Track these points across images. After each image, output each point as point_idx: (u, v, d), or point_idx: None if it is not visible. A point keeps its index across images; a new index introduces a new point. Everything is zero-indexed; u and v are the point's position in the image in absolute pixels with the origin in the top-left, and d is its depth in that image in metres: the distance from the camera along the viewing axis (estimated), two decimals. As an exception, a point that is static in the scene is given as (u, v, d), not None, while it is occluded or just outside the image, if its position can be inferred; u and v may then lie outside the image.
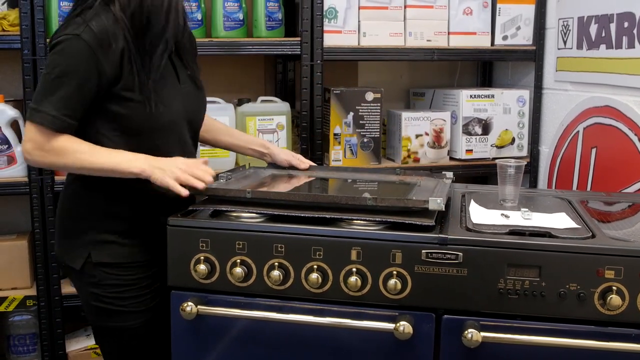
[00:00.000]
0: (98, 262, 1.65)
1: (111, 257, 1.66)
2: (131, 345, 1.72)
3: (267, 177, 1.93)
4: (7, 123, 2.34)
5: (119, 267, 1.66)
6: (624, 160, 2.19)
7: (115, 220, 1.67)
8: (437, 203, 1.49)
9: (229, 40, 2.42)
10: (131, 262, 1.68)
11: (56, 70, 1.53)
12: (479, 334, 1.42)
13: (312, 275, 1.49)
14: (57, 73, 1.53)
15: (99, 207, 1.67)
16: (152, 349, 1.74)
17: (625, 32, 2.19)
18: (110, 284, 1.66)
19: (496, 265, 1.43)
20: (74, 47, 1.53)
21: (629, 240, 1.46)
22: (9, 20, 2.27)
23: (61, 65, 1.54)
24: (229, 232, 1.53)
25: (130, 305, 1.67)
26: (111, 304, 1.67)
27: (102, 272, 1.66)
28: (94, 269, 1.66)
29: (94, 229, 1.66)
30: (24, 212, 2.60)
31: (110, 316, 1.68)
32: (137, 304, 1.68)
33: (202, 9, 2.44)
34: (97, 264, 1.65)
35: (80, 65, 1.53)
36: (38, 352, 2.55)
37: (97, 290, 1.67)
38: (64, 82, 1.53)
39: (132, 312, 1.68)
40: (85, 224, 1.67)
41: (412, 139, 2.59)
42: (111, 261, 1.66)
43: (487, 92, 2.66)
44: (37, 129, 1.53)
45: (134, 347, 1.72)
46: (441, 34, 2.62)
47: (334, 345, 1.52)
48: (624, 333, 1.41)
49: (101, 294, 1.66)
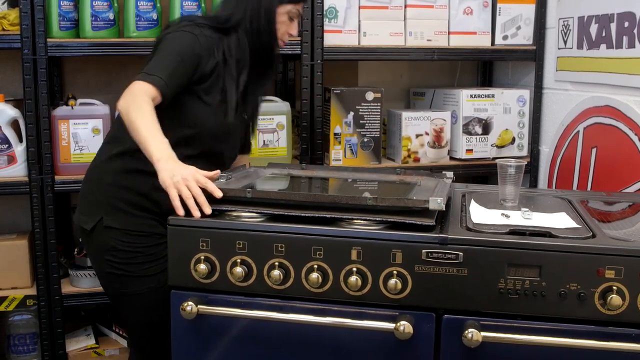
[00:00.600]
0: (108, 226, 1.79)
1: (121, 224, 1.79)
2: (145, 310, 1.82)
3: (267, 177, 1.93)
4: (8, 123, 2.34)
5: (128, 234, 1.79)
6: (624, 160, 2.19)
7: (129, 191, 1.81)
8: (438, 203, 1.49)
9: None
10: (140, 231, 1.80)
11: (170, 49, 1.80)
12: (479, 334, 1.42)
13: (312, 275, 1.49)
14: (170, 51, 1.80)
15: (117, 177, 1.81)
16: (165, 315, 1.77)
17: (626, 32, 2.19)
18: (121, 249, 1.79)
19: (496, 265, 1.43)
20: (187, 38, 1.81)
21: (630, 240, 1.46)
22: (9, 20, 2.27)
23: (175, 46, 1.80)
24: (229, 231, 1.53)
25: (140, 271, 1.79)
26: (123, 270, 1.79)
27: (112, 239, 1.79)
28: (104, 234, 1.80)
29: (109, 196, 1.81)
30: (24, 211, 2.60)
31: (122, 282, 1.80)
32: (147, 269, 1.79)
33: (202, 8, 2.44)
34: (107, 228, 1.79)
35: (188, 52, 1.79)
36: (38, 351, 2.55)
37: (108, 257, 1.80)
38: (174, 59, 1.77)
39: (142, 277, 1.79)
40: (101, 190, 1.83)
41: (413, 138, 2.59)
42: (120, 227, 1.79)
43: (488, 92, 2.66)
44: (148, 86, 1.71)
45: (148, 311, 1.82)
46: (441, 33, 2.61)
47: (334, 345, 1.52)
48: (625, 333, 1.41)
49: (113, 259, 1.79)
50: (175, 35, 1.84)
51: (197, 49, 1.81)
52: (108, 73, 2.71)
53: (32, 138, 2.29)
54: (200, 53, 1.81)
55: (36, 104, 2.28)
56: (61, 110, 2.35)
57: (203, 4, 2.44)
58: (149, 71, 1.75)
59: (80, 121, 2.35)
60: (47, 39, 2.25)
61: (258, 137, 2.48)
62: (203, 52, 1.81)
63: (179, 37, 1.83)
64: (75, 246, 2.50)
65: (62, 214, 2.64)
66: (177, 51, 1.80)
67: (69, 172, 2.34)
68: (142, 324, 1.87)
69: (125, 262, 1.79)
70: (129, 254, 1.79)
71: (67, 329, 2.54)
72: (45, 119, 2.28)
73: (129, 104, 1.69)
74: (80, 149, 2.35)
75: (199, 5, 2.42)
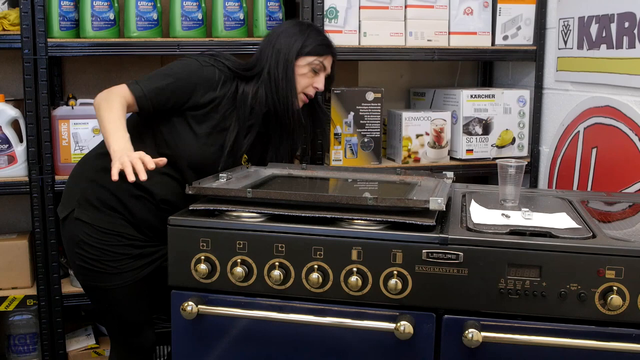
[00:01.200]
0: (78, 218, 1.84)
1: (90, 218, 1.84)
2: (114, 306, 1.88)
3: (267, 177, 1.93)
4: (8, 123, 2.34)
5: (97, 230, 1.83)
6: (624, 160, 2.19)
7: (105, 190, 1.84)
8: (438, 203, 1.49)
9: (230, 40, 2.42)
10: (108, 229, 1.84)
11: (169, 69, 1.88)
12: (479, 334, 1.42)
13: (312, 275, 1.49)
14: (169, 71, 1.87)
15: (97, 174, 1.86)
16: (136, 312, 1.90)
17: (626, 32, 2.19)
18: (90, 244, 1.83)
19: (497, 265, 1.43)
20: (192, 65, 1.89)
21: (630, 240, 1.46)
22: (10, 20, 2.27)
23: (175, 68, 1.88)
24: (229, 231, 1.53)
25: (109, 269, 1.83)
26: (91, 265, 1.83)
27: (82, 232, 1.83)
28: (74, 225, 1.84)
29: (85, 190, 1.86)
30: (25, 211, 2.61)
31: (91, 276, 1.85)
32: (115, 267, 1.83)
33: (202, 8, 2.44)
34: (77, 220, 1.84)
35: (184, 77, 1.86)
36: (38, 351, 2.56)
37: (78, 250, 1.84)
38: (166, 78, 1.85)
39: (110, 274, 1.83)
40: (80, 183, 1.89)
41: (413, 138, 2.59)
42: (89, 222, 1.83)
43: (488, 92, 2.66)
44: (127, 91, 1.80)
45: (117, 307, 1.88)
46: (442, 33, 2.61)
47: (335, 345, 1.52)
48: (625, 333, 1.41)
49: (82, 253, 1.83)
50: (184, 60, 1.92)
51: (195, 78, 1.86)
52: (108, 73, 2.71)
53: (33, 138, 2.29)
54: (197, 82, 1.86)
55: (36, 104, 2.28)
56: (61, 110, 2.35)
57: (203, 4, 2.44)
58: (138, 81, 1.83)
59: (80, 121, 2.35)
60: (48, 39, 2.25)
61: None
62: (202, 81, 1.87)
63: (186, 62, 1.91)
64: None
65: (63, 214, 2.64)
66: (174, 72, 1.87)
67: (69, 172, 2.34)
68: (112, 318, 1.93)
69: (94, 257, 1.83)
70: (98, 250, 1.83)
71: (67, 329, 2.54)
72: (45, 119, 2.29)
73: (101, 99, 1.78)
74: (80, 149, 2.35)
75: (199, 5, 2.42)
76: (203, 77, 1.87)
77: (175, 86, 1.84)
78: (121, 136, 1.69)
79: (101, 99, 1.78)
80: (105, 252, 1.83)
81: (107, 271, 1.83)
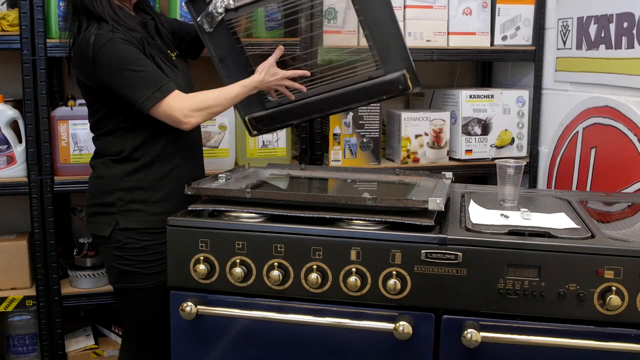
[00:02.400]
0: (125, 227, 1.83)
1: (136, 223, 1.83)
2: (146, 306, 1.87)
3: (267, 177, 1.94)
4: (7, 123, 2.34)
5: (142, 232, 1.83)
6: (623, 160, 2.19)
7: (137, 190, 1.84)
8: (437, 203, 1.50)
9: (229, 41, 2.41)
10: (153, 227, 1.83)
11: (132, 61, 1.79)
12: (478, 334, 1.42)
13: (311, 276, 1.49)
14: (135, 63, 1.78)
15: (122, 180, 1.85)
16: (165, 313, 1.84)
17: (625, 33, 2.19)
18: (132, 247, 1.83)
19: (496, 265, 1.44)
20: (121, 43, 1.79)
21: (629, 240, 1.46)
22: (9, 21, 2.26)
23: (130, 56, 1.79)
24: (228, 232, 1.53)
25: (148, 268, 1.83)
26: (132, 265, 1.83)
27: (126, 237, 1.83)
28: (120, 234, 1.83)
29: (121, 200, 1.84)
30: (24, 212, 2.60)
31: (129, 278, 1.84)
32: (153, 267, 1.83)
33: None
34: (124, 230, 1.83)
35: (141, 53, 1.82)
36: (37, 352, 2.55)
37: (119, 253, 1.84)
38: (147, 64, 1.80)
39: (148, 274, 1.83)
40: (111, 198, 1.85)
41: (412, 139, 2.59)
42: (136, 227, 1.83)
43: (487, 93, 2.66)
44: (172, 98, 1.77)
45: (149, 308, 1.87)
46: (440, 34, 2.61)
47: (334, 345, 1.52)
48: (624, 333, 1.41)
49: (123, 255, 1.83)
50: (115, 46, 1.79)
51: (136, 49, 1.82)
52: (107, 73, 2.71)
53: (32, 139, 2.29)
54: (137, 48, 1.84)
55: (35, 105, 2.28)
56: (60, 111, 2.35)
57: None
58: (155, 85, 1.77)
59: (79, 122, 2.34)
60: (47, 40, 2.25)
61: (258, 138, 2.48)
62: (136, 46, 1.83)
63: (120, 47, 1.79)
64: (75, 247, 2.50)
65: (62, 214, 2.64)
66: (136, 57, 1.79)
67: (69, 172, 2.34)
68: (139, 318, 1.92)
69: (134, 259, 1.85)
70: (139, 250, 1.84)
71: (67, 329, 2.54)
72: (44, 119, 2.28)
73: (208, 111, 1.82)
74: (79, 150, 2.35)
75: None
76: (134, 44, 1.82)
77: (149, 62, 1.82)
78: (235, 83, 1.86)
79: (193, 109, 1.78)
80: (146, 251, 1.83)
81: (145, 271, 1.83)
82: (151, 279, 1.84)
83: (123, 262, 1.84)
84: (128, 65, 1.76)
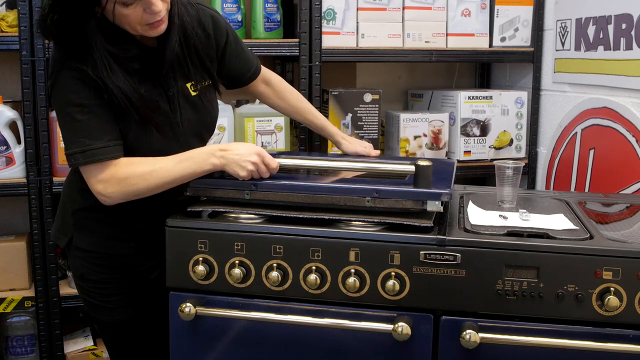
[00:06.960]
0: (76, 246, 1.72)
1: (90, 244, 1.72)
2: (118, 339, 1.83)
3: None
4: (6, 124, 2.34)
5: (97, 256, 1.71)
6: (622, 161, 2.19)
7: (97, 210, 1.66)
8: (435, 204, 1.50)
9: (228, 42, 2.42)
10: (109, 253, 1.72)
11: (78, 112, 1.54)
12: (477, 335, 1.42)
13: (310, 276, 1.49)
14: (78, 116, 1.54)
15: (85, 195, 1.65)
16: (139, 344, 1.83)
17: (623, 34, 2.19)
18: (92, 279, 1.74)
19: (494, 266, 1.44)
20: (71, 87, 1.55)
21: (627, 241, 1.46)
22: (8, 22, 2.27)
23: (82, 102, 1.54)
24: (227, 233, 1.53)
25: (111, 302, 1.75)
26: (94, 298, 1.76)
27: (83, 263, 1.73)
28: (76, 254, 1.73)
29: (79, 213, 1.73)
30: (23, 213, 2.60)
31: (95, 310, 1.78)
32: (117, 300, 1.75)
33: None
34: (77, 248, 1.73)
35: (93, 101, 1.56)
36: (36, 353, 2.55)
37: (82, 284, 1.76)
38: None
39: (113, 309, 1.76)
40: (73, 207, 1.74)
41: (411, 140, 2.60)
42: (89, 248, 1.72)
43: (485, 94, 2.66)
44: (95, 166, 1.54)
45: (121, 341, 1.82)
46: (439, 35, 2.62)
47: (332, 346, 1.52)
48: (622, 334, 1.41)
49: (85, 287, 1.76)
50: (63, 88, 1.55)
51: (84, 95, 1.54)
52: (106, 74, 2.71)
53: (31, 139, 2.30)
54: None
55: (34, 106, 2.28)
56: (59, 112, 2.35)
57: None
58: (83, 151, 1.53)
59: (78, 123, 2.34)
60: (45, 41, 2.25)
61: (257, 138, 2.48)
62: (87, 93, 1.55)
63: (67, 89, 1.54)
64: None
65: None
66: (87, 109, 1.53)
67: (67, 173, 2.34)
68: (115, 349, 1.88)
69: (97, 292, 1.77)
70: (100, 283, 1.75)
71: (65, 330, 2.54)
72: (43, 120, 2.29)
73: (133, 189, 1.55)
74: (78, 151, 2.34)
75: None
76: (88, 82, 1.52)
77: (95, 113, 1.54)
78: (191, 155, 1.55)
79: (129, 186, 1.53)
80: (107, 284, 1.74)
81: (109, 305, 1.76)
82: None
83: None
84: (66, 107, 1.53)
